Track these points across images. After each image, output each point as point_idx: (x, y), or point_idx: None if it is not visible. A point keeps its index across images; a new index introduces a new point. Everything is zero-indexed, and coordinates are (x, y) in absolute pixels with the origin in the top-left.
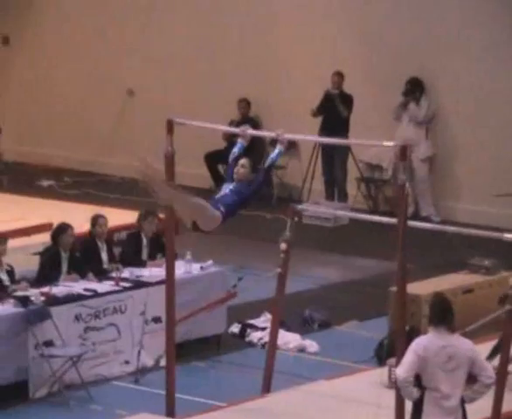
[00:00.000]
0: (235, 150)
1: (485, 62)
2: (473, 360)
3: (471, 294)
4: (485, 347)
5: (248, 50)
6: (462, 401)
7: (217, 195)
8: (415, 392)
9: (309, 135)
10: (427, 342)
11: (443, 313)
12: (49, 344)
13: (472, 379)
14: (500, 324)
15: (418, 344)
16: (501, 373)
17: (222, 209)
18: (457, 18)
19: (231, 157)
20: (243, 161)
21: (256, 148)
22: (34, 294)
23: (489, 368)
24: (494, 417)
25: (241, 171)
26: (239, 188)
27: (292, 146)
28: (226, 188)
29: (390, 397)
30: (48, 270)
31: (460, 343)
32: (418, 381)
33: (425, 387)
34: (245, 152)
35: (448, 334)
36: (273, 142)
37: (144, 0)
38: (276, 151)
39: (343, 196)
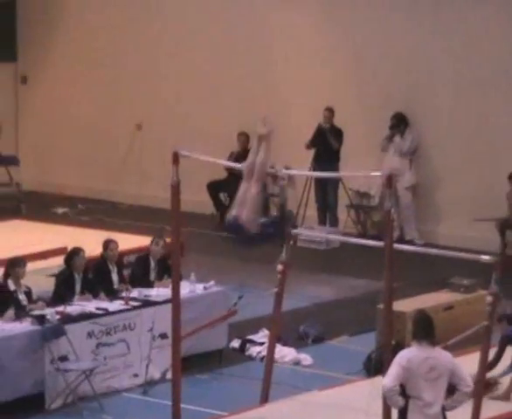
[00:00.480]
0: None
1: (462, 99)
2: (452, 371)
3: (451, 311)
4: (465, 360)
5: (248, 87)
6: (443, 409)
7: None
8: (400, 400)
9: (304, 165)
10: (411, 355)
11: (426, 329)
12: (64, 359)
13: (452, 389)
14: (478, 338)
15: (402, 356)
16: (479, 382)
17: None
18: (438, 59)
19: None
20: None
21: None
22: (50, 313)
23: (468, 378)
24: None
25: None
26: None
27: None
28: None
29: (378, 406)
30: (63, 290)
31: (440, 355)
32: (402, 390)
33: (409, 395)
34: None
35: (430, 348)
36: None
37: (151, 45)
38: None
39: (335, 222)
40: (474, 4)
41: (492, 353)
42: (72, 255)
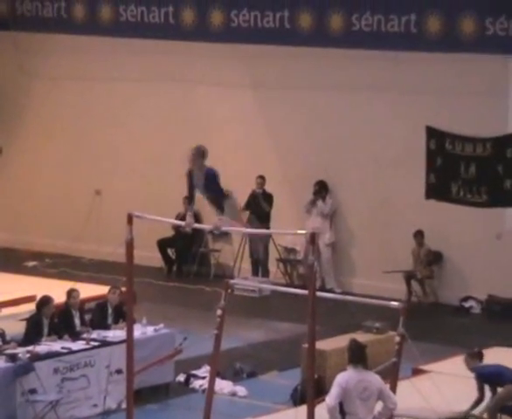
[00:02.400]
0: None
1: (372, 170)
2: (381, 390)
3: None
4: None
5: None
6: None
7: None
8: (339, 417)
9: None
10: (348, 377)
11: (360, 355)
12: (33, 391)
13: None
14: (387, 372)
15: (341, 377)
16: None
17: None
18: (351, 138)
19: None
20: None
21: (198, 237)
22: (21, 352)
23: (393, 397)
24: None
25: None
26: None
27: (225, 234)
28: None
29: None
30: (32, 333)
31: (372, 377)
32: (340, 407)
33: (345, 412)
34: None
35: (364, 371)
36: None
37: (108, 123)
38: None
39: (266, 273)
40: (379, 95)
41: (401, 385)
42: (43, 303)
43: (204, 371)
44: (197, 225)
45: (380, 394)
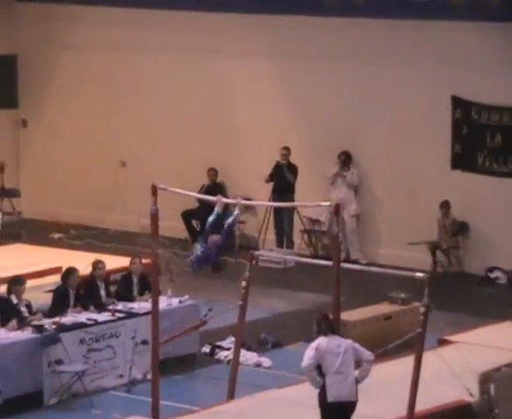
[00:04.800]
0: (210, 219)
1: (398, 140)
2: (354, 348)
3: (390, 320)
4: (401, 362)
5: (216, 130)
6: (356, 381)
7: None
8: (318, 379)
9: (264, 195)
10: (320, 340)
11: (328, 325)
12: (59, 362)
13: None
14: (413, 343)
15: (313, 342)
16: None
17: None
18: (376, 107)
19: (208, 225)
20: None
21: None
22: (47, 323)
23: (368, 351)
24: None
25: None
26: (207, 252)
27: (250, 206)
28: (198, 250)
29: None
30: (58, 304)
31: (342, 338)
32: (319, 370)
33: (325, 374)
34: (220, 217)
35: (334, 335)
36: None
37: (134, 94)
38: (232, 217)
39: (290, 244)
40: (404, 64)
41: (426, 356)
42: (68, 274)
43: (229, 342)
44: (225, 200)
45: (355, 352)
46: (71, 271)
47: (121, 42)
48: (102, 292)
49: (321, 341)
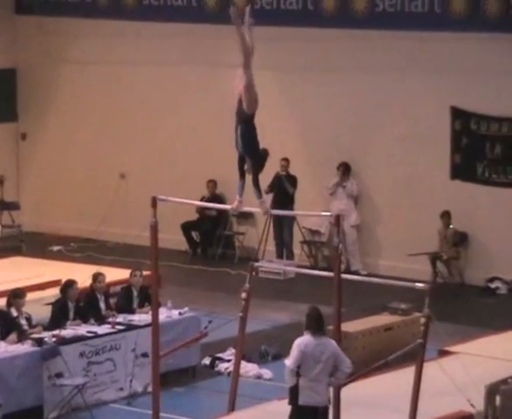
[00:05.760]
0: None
1: (397, 151)
2: (337, 355)
3: (391, 331)
4: (403, 373)
5: (216, 141)
6: (328, 385)
7: None
8: (294, 379)
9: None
10: (307, 341)
11: (319, 323)
12: (59, 375)
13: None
14: (414, 354)
15: (300, 342)
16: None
17: None
18: (376, 119)
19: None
20: None
21: (223, 219)
22: (47, 336)
23: (348, 361)
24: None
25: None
26: None
27: (250, 216)
28: None
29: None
30: (58, 317)
31: (328, 342)
32: (296, 369)
33: (300, 375)
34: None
35: (321, 336)
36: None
37: (133, 108)
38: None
39: (290, 255)
40: (403, 75)
41: (427, 367)
42: (67, 286)
43: (230, 354)
44: (220, 206)
45: (336, 359)
46: (70, 284)
47: (120, 55)
48: (102, 305)
49: (308, 343)
